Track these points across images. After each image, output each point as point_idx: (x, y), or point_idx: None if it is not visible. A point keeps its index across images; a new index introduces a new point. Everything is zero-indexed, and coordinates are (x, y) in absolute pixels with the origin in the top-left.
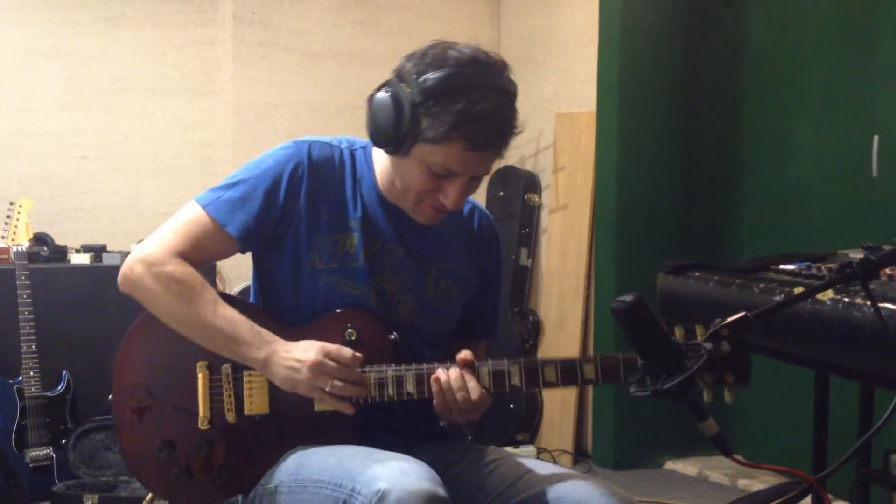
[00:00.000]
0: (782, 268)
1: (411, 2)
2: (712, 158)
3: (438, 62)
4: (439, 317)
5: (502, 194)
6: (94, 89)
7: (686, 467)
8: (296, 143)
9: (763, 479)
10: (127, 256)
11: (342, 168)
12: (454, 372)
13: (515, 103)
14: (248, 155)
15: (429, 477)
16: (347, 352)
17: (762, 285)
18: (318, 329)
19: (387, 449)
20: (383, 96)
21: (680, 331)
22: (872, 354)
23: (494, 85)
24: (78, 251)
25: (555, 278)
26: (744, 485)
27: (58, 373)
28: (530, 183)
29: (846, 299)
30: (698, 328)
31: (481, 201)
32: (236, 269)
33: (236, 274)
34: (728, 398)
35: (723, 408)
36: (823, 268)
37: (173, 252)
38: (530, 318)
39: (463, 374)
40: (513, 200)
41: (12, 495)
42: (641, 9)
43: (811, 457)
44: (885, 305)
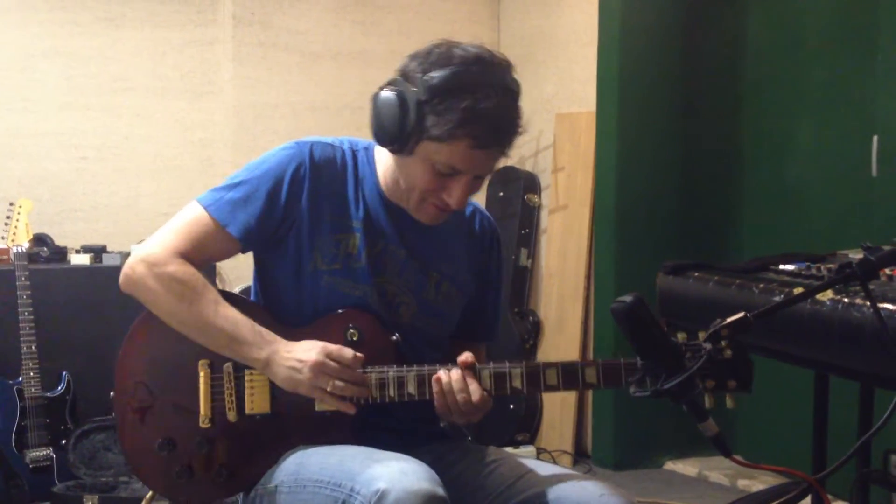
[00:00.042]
0: (782, 268)
1: (411, 2)
2: (712, 158)
3: (444, 61)
4: (440, 318)
5: (502, 195)
6: (94, 90)
7: (686, 468)
8: (298, 143)
9: (763, 480)
10: (127, 257)
11: (344, 168)
12: (455, 373)
13: (519, 102)
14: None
15: (428, 477)
16: (349, 352)
17: (762, 285)
18: (319, 329)
19: (387, 449)
20: (388, 95)
21: (682, 335)
22: (872, 355)
23: (499, 84)
24: (78, 252)
25: (555, 278)
26: (743, 485)
27: (58, 373)
28: (530, 183)
29: (846, 300)
30: (700, 334)
31: (481, 202)
32: (236, 269)
33: (236, 275)
34: (730, 403)
35: (722, 408)
36: (823, 268)
37: (175, 252)
38: (530, 318)
39: (464, 376)
40: (512, 201)
41: (12, 496)
42: (641, 9)
43: (811, 457)
44: (885, 306)
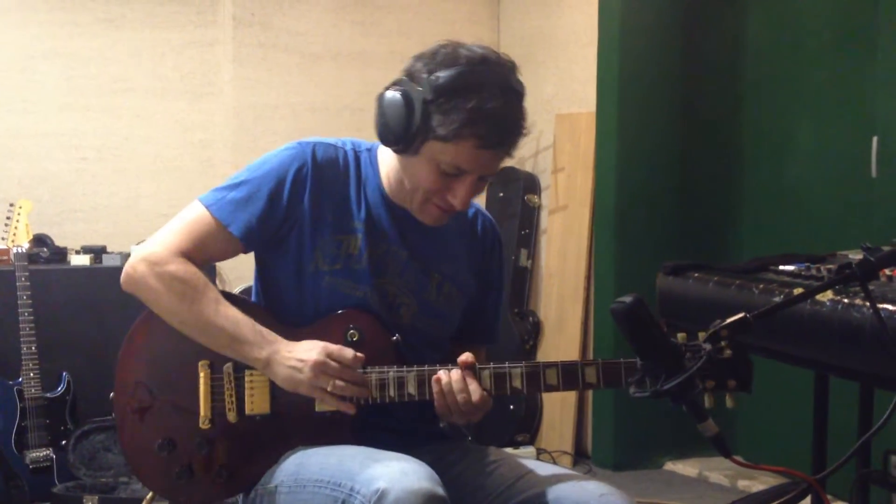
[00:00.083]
0: (782, 268)
1: (411, 2)
2: (712, 159)
3: (450, 61)
4: (441, 319)
5: (502, 195)
6: (94, 90)
7: (686, 468)
8: (300, 143)
9: (763, 480)
10: (127, 258)
11: (346, 169)
12: (455, 373)
13: (524, 103)
14: (247, 156)
15: (428, 476)
16: (349, 352)
17: (762, 286)
18: (320, 329)
19: (387, 449)
20: (393, 94)
21: (682, 335)
22: (872, 355)
23: (505, 84)
24: (78, 252)
25: (554, 279)
26: (743, 485)
27: (58, 374)
28: (530, 184)
29: (845, 300)
30: (700, 335)
31: (481, 202)
32: (236, 269)
33: (236, 275)
34: (730, 403)
35: (722, 409)
36: (823, 268)
37: (176, 251)
38: (530, 318)
39: (464, 376)
40: (512, 201)
41: (12, 496)
42: (641, 9)
43: (811, 457)
44: (885, 306)
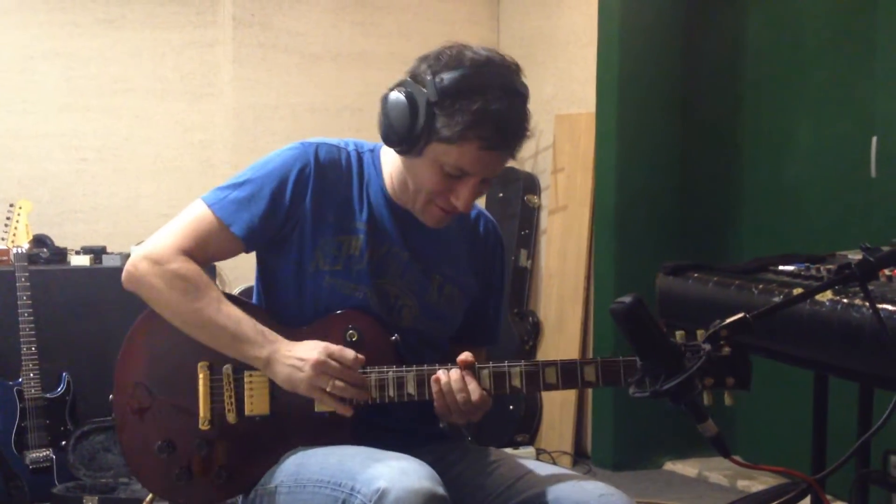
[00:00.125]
0: (781, 269)
1: (410, 3)
2: (711, 159)
3: (455, 62)
4: (442, 321)
5: (501, 195)
6: (94, 91)
7: (685, 468)
8: (303, 144)
9: (762, 480)
10: (127, 258)
11: (349, 170)
12: (455, 373)
13: (528, 105)
14: (247, 156)
15: (428, 476)
16: (350, 353)
17: (761, 286)
18: (319, 330)
19: (387, 449)
20: (398, 96)
21: (681, 333)
22: (871, 355)
23: (509, 86)
24: (78, 253)
25: (554, 279)
26: (743, 486)
27: (57, 374)
28: (530, 184)
29: (845, 300)
30: (699, 333)
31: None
32: (236, 269)
33: (235, 275)
34: (728, 401)
35: (722, 409)
36: (822, 269)
37: (178, 250)
38: (530, 319)
39: (463, 376)
40: (512, 201)
41: (12, 497)
42: (640, 10)
43: (810, 457)
44: (884, 306)
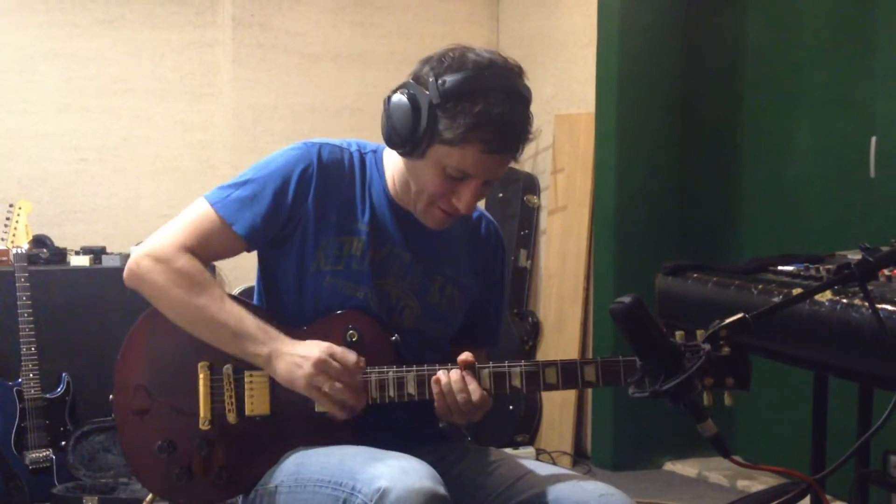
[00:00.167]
0: (781, 269)
1: (410, 3)
2: (711, 159)
3: (457, 65)
4: (443, 322)
5: (501, 196)
6: (94, 91)
7: (685, 468)
8: (306, 144)
9: (762, 480)
10: (126, 258)
11: (352, 171)
12: (455, 374)
13: (530, 108)
14: (247, 156)
15: (429, 475)
16: (352, 356)
17: (761, 286)
18: (319, 330)
19: (387, 449)
20: (400, 98)
21: (681, 334)
22: (871, 355)
23: (512, 89)
24: (77, 253)
25: (554, 279)
26: (743, 486)
27: (57, 375)
28: (529, 184)
29: (844, 300)
30: (699, 333)
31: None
32: (236, 270)
33: (235, 276)
34: (728, 401)
35: (721, 409)
36: (822, 269)
37: (181, 247)
38: (529, 319)
39: (464, 376)
40: (512, 202)
41: (12, 497)
42: (640, 10)
43: (810, 457)
44: (884, 306)
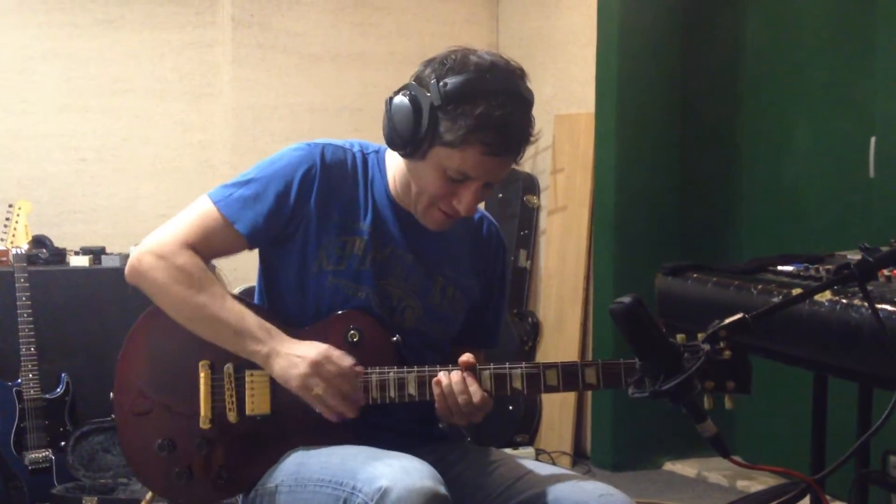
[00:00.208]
0: (780, 269)
1: (409, 3)
2: (711, 159)
3: (459, 67)
4: (444, 323)
5: (501, 196)
6: (93, 91)
7: (685, 468)
8: (309, 144)
9: (762, 480)
10: (126, 259)
11: (354, 171)
12: (456, 375)
13: (532, 111)
14: (246, 157)
15: (430, 475)
16: (348, 360)
17: (760, 286)
18: (320, 330)
19: (387, 449)
20: (402, 99)
21: (681, 337)
22: (870, 355)
23: (514, 92)
24: (77, 253)
25: (554, 280)
26: (742, 486)
27: (57, 375)
28: (529, 184)
29: (844, 300)
30: (700, 336)
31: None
32: (237, 270)
33: (235, 276)
34: (728, 405)
35: (721, 409)
36: (821, 269)
37: (183, 244)
38: (529, 319)
39: (464, 378)
40: (511, 202)
41: (11, 497)
42: (639, 10)
43: (810, 458)
44: (883, 306)
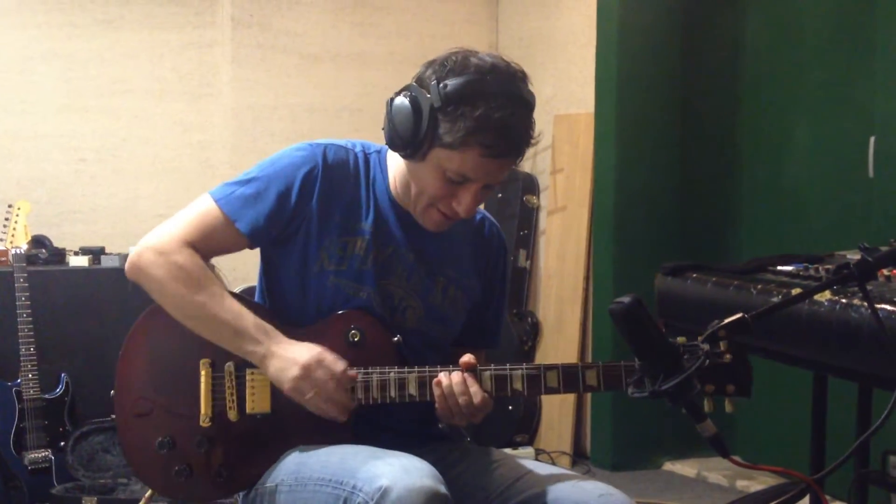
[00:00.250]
0: (780, 269)
1: (409, 4)
2: (710, 159)
3: (459, 69)
4: (445, 323)
5: (500, 196)
6: (93, 92)
7: (684, 468)
8: (311, 145)
9: (761, 480)
10: (125, 259)
11: (356, 171)
12: (456, 376)
13: (533, 113)
14: (246, 157)
15: (430, 474)
16: (340, 365)
17: (760, 286)
18: (321, 330)
19: (388, 449)
20: (402, 101)
21: (682, 340)
22: (870, 355)
23: (514, 94)
24: (76, 253)
25: (553, 280)
26: (742, 486)
27: (56, 375)
28: (529, 184)
29: (843, 300)
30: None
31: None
32: (237, 270)
33: (235, 276)
34: (729, 408)
35: (721, 409)
36: (821, 269)
37: (183, 242)
38: (529, 319)
39: (465, 379)
40: (511, 202)
41: (11, 498)
42: (639, 10)
43: (809, 458)
44: (883, 306)
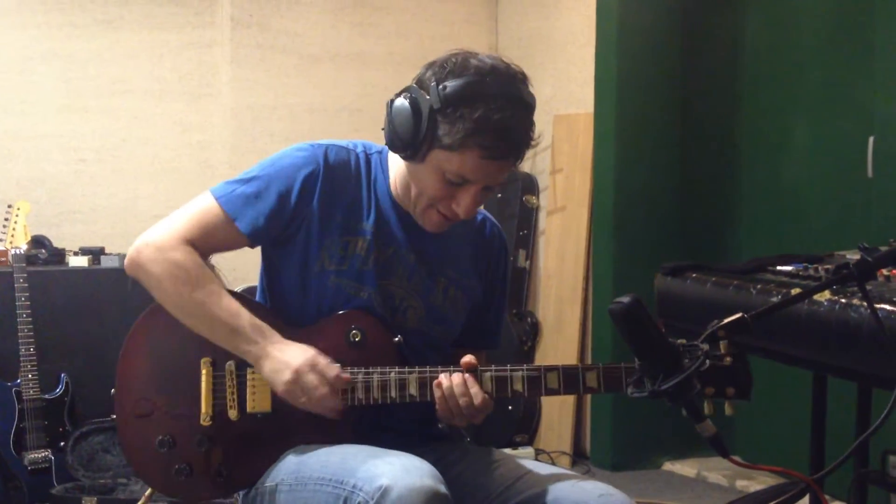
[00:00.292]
0: (779, 269)
1: (409, 4)
2: (710, 159)
3: (459, 70)
4: (446, 323)
5: (500, 196)
6: (92, 92)
7: (684, 468)
8: (312, 145)
9: (761, 480)
10: (125, 259)
11: (357, 172)
12: (457, 377)
13: (533, 115)
14: (245, 157)
15: (431, 474)
16: (334, 370)
17: (759, 286)
18: (322, 330)
19: (388, 449)
20: (402, 102)
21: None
22: (869, 355)
23: (513, 95)
24: (76, 253)
25: (553, 280)
26: (742, 485)
27: (56, 375)
28: (528, 184)
29: (843, 300)
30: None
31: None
32: (237, 270)
33: (234, 276)
34: (728, 411)
35: (721, 413)
36: (820, 269)
37: (183, 239)
38: (528, 319)
39: (465, 380)
40: (511, 202)
41: (11, 498)
42: (638, 10)
43: (809, 457)
44: (882, 306)
